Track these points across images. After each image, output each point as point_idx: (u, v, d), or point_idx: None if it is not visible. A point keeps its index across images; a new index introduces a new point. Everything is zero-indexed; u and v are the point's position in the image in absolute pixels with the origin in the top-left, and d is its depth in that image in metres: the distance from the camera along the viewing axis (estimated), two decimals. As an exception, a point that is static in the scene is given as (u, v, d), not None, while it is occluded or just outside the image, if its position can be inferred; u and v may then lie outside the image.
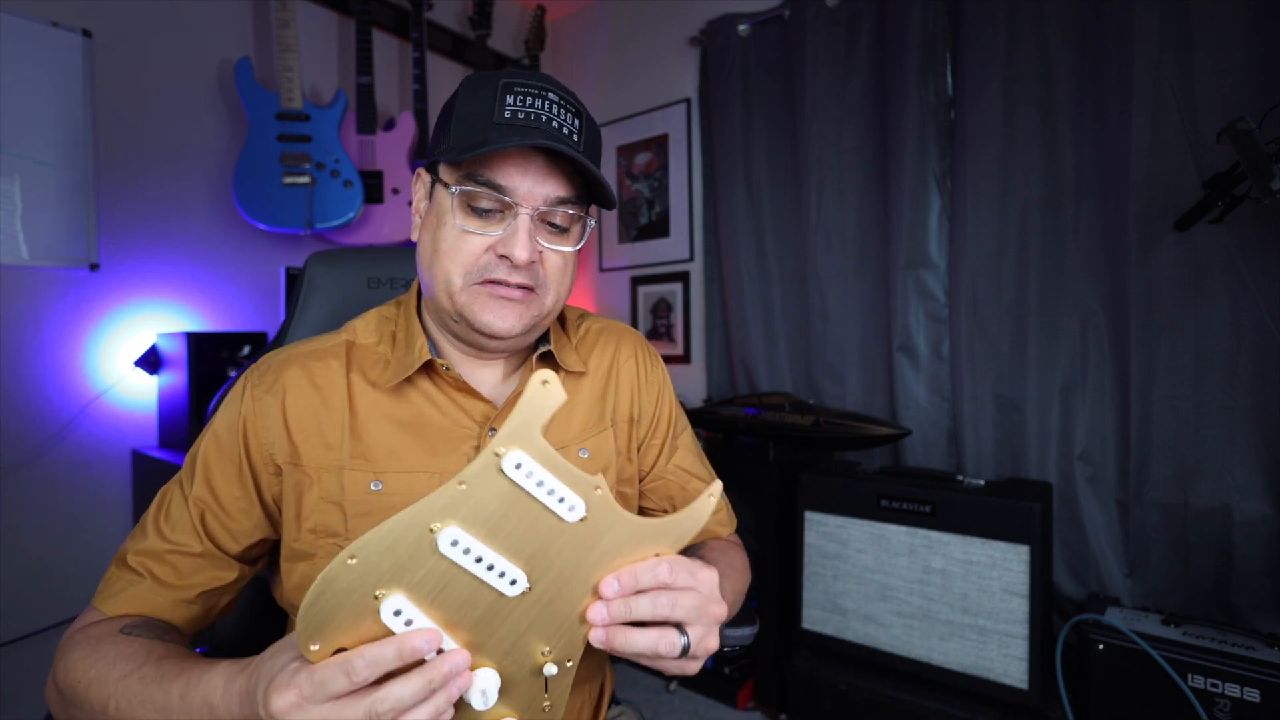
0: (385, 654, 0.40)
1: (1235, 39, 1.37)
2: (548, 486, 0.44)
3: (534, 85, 0.61)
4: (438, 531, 0.42)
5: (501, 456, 0.43)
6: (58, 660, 0.57)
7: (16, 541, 1.51)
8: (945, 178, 1.79)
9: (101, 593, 0.62)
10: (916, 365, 1.84)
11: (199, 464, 0.64)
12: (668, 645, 0.47)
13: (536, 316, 0.65)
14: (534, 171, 0.61)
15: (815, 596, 1.63)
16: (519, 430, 0.43)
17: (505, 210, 0.61)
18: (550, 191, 0.62)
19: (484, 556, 0.43)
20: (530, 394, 0.44)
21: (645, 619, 0.46)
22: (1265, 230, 1.35)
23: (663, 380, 0.82)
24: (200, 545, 0.62)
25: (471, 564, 0.43)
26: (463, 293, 0.62)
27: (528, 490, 0.44)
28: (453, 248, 0.62)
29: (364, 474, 0.63)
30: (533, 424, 0.44)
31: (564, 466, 0.44)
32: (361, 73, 1.99)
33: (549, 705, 0.47)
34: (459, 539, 0.42)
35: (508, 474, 0.43)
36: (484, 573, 0.43)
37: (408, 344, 0.68)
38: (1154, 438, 1.49)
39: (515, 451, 0.43)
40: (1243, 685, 1.17)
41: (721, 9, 2.21)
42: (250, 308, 1.93)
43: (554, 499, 0.44)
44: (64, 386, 1.60)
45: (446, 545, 0.42)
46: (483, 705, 0.44)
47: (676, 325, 2.43)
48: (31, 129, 1.52)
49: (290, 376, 0.65)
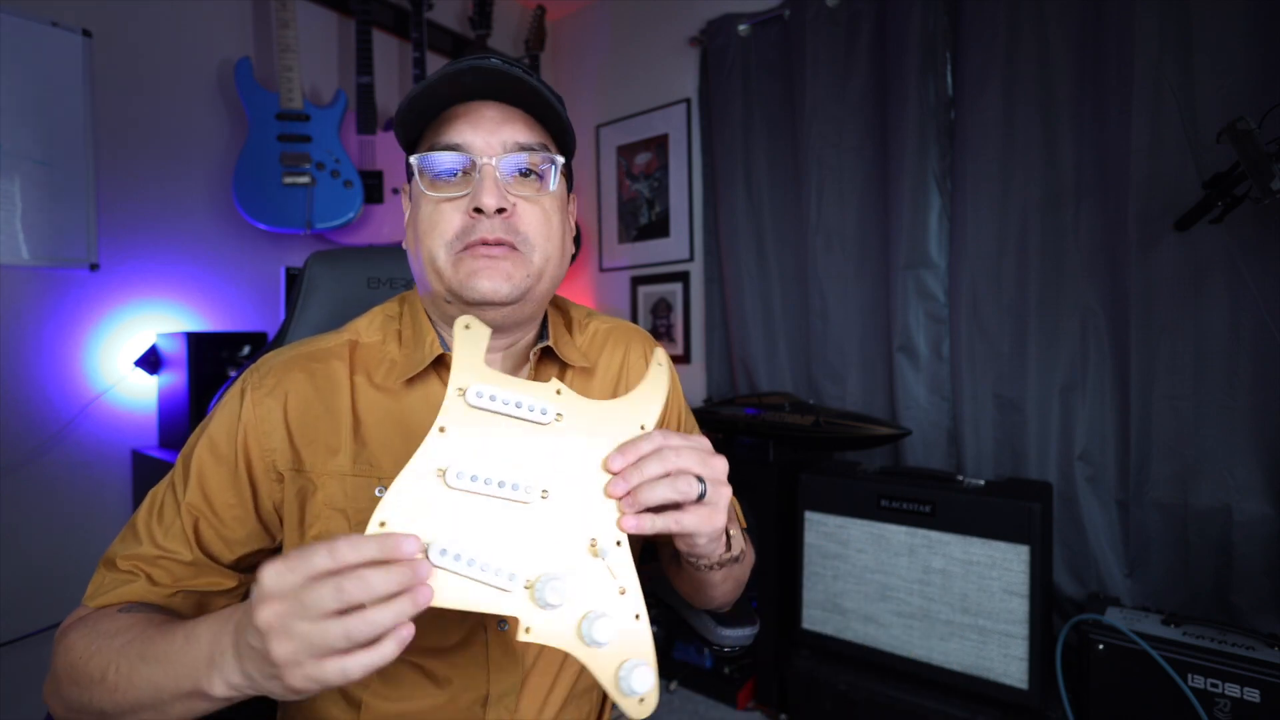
0: (369, 542, 0.40)
1: (1235, 39, 1.37)
2: (514, 402, 0.49)
3: (476, 55, 0.61)
4: (444, 473, 0.46)
5: (464, 391, 0.48)
6: (55, 652, 0.56)
7: (16, 541, 1.51)
8: (945, 178, 1.79)
9: (92, 594, 0.60)
10: (916, 365, 1.84)
11: (193, 469, 0.62)
12: (686, 484, 0.49)
13: (527, 277, 0.62)
14: (486, 123, 0.61)
15: (815, 596, 1.63)
16: (466, 369, 0.49)
17: (470, 170, 0.61)
18: (507, 137, 0.61)
19: (490, 477, 0.46)
20: (459, 339, 0.50)
21: (657, 476, 0.49)
22: (1265, 230, 1.35)
23: (673, 382, 0.81)
24: (190, 554, 0.61)
25: (484, 488, 0.46)
26: (449, 265, 0.61)
27: (499, 411, 0.48)
28: (429, 222, 0.61)
29: (368, 480, 0.62)
30: (474, 359, 0.49)
31: (520, 383, 0.50)
32: (361, 73, 1.99)
33: (623, 590, 0.48)
34: (461, 470, 0.46)
35: (475, 405, 0.48)
36: (499, 491, 0.46)
37: (417, 340, 0.66)
38: (1154, 438, 1.49)
39: (474, 384, 0.48)
40: (1243, 685, 1.17)
41: (721, 9, 2.21)
42: (250, 308, 1.93)
43: (524, 410, 0.49)
44: (64, 386, 1.60)
45: (455, 479, 0.45)
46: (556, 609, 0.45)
47: (676, 325, 2.43)
48: (31, 129, 1.52)
49: (292, 379, 0.64)
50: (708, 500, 0.51)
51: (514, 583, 0.44)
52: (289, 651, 0.39)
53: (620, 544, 0.49)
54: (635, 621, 0.47)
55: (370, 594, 0.39)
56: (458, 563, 0.43)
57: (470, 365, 0.49)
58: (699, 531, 0.52)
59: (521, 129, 0.62)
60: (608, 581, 0.47)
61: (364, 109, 1.99)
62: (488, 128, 0.61)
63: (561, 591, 0.44)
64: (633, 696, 0.44)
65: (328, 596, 0.38)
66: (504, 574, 0.44)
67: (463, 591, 0.43)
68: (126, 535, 0.63)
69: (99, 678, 0.50)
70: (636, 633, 0.47)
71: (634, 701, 0.44)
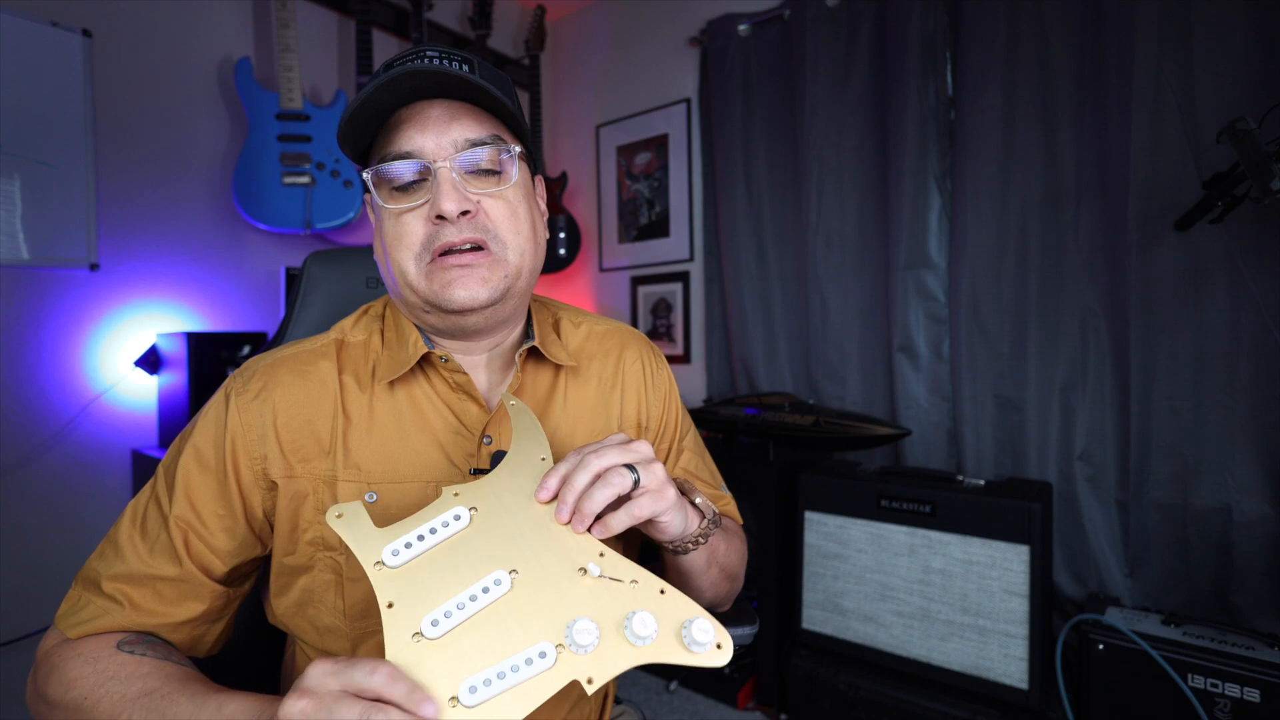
0: (402, 684, 0.40)
1: (1235, 39, 1.37)
2: (425, 532, 0.49)
3: (410, 52, 0.60)
4: (420, 634, 0.44)
5: (381, 563, 0.48)
6: (44, 675, 0.54)
7: (16, 541, 1.51)
8: (945, 178, 1.79)
9: (69, 618, 0.57)
10: (916, 365, 1.84)
11: (179, 480, 0.59)
12: (618, 477, 0.51)
13: (505, 278, 0.61)
14: (433, 124, 0.59)
15: (815, 596, 1.62)
16: (363, 544, 0.48)
17: (426, 175, 0.59)
18: (458, 135, 0.59)
19: (461, 601, 0.45)
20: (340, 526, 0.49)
21: (587, 482, 0.51)
22: (1265, 230, 1.35)
23: (669, 384, 0.80)
24: (176, 569, 0.58)
25: (462, 613, 0.45)
26: (421, 277, 0.60)
27: (420, 551, 0.48)
28: (395, 235, 0.60)
29: (358, 485, 0.61)
30: (363, 533, 0.49)
31: (418, 515, 0.50)
32: (361, 73, 1.99)
33: (634, 581, 0.48)
34: (431, 618, 0.45)
35: (395, 564, 0.48)
36: (476, 604, 0.46)
37: (400, 340, 0.65)
38: (1154, 438, 1.49)
39: (382, 551, 0.48)
40: (1243, 685, 1.17)
41: (721, 9, 2.21)
42: (250, 308, 1.93)
43: (440, 531, 0.49)
44: (64, 386, 1.60)
45: (432, 629, 0.44)
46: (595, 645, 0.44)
47: (676, 325, 2.43)
48: (31, 129, 1.52)
49: (279, 382, 0.62)
50: (644, 484, 0.52)
51: (547, 658, 0.43)
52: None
53: (604, 554, 0.49)
54: (663, 596, 0.47)
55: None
56: (491, 686, 0.42)
57: (366, 538, 0.49)
58: (657, 511, 0.53)
59: (471, 124, 0.60)
60: (617, 588, 0.47)
61: (364, 109, 1.99)
62: (436, 128, 0.59)
63: (588, 628, 0.44)
64: (705, 649, 0.44)
65: (352, 716, 0.39)
66: (533, 656, 0.44)
67: (517, 701, 0.42)
68: (106, 551, 0.60)
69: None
70: (671, 603, 0.46)
71: (712, 651, 0.44)
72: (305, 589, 0.61)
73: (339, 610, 0.61)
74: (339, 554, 0.60)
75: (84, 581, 0.59)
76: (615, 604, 0.46)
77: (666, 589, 0.47)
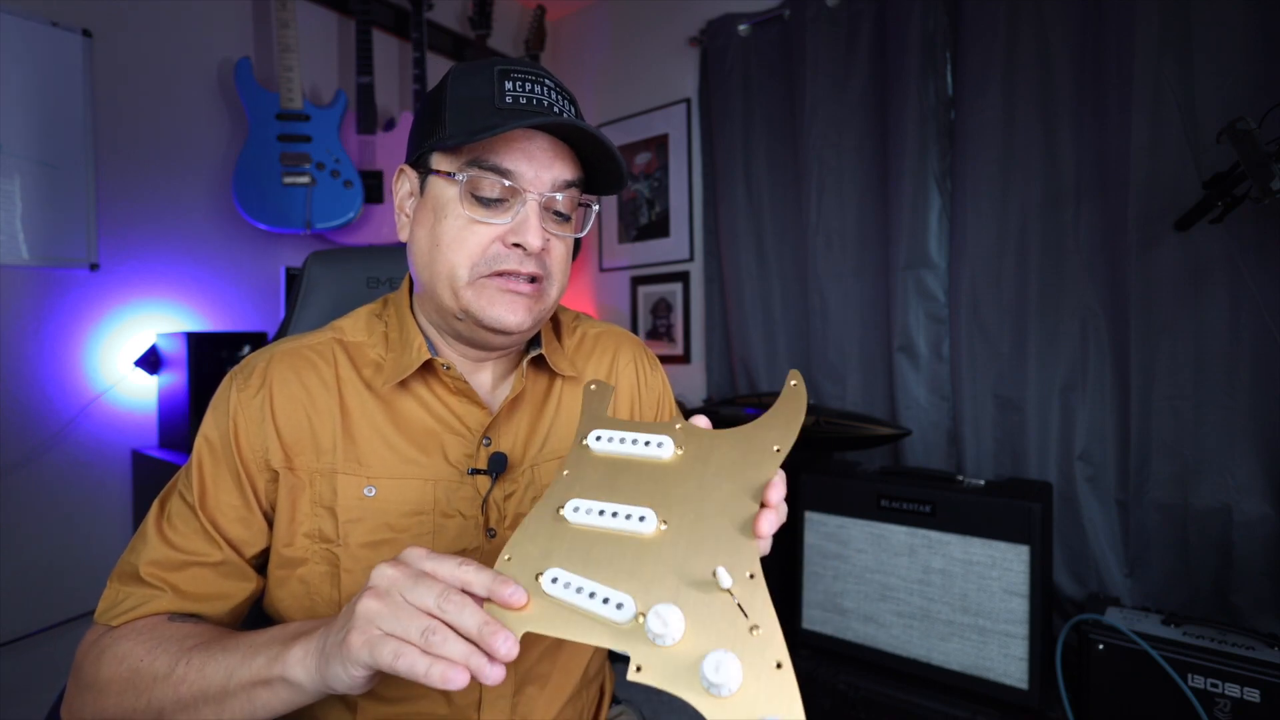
0: (485, 573, 0.43)
1: (1235, 39, 1.37)
2: (631, 439, 0.51)
3: (530, 71, 0.60)
4: (564, 509, 0.48)
5: (584, 438, 0.52)
6: (91, 662, 0.55)
7: (16, 541, 1.51)
8: (945, 178, 1.79)
9: (110, 610, 0.58)
10: (916, 365, 1.84)
11: (196, 472, 0.61)
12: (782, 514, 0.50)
13: (542, 310, 0.64)
14: (540, 156, 0.60)
15: (815, 596, 1.62)
16: (589, 420, 0.54)
17: (512, 197, 0.60)
18: (556, 175, 0.61)
19: (605, 509, 0.47)
20: (587, 396, 0.57)
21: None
22: (1265, 230, 1.35)
23: (662, 386, 0.81)
24: (220, 553, 0.60)
25: (598, 520, 0.47)
26: (469, 288, 0.60)
27: (618, 452, 0.51)
28: (457, 239, 0.60)
29: (357, 479, 0.61)
30: (599, 411, 0.55)
31: (638, 424, 0.53)
32: (361, 73, 1.99)
33: (758, 629, 0.39)
34: (579, 505, 0.48)
35: (594, 448, 0.52)
36: (613, 522, 0.47)
37: (403, 344, 0.66)
38: (1154, 438, 1.49)
39: (593, 431, 0.52)
40: (1243, 685, 1.17)
41: (721, 9, 2.21)
42: (250, 308, 1.93)
43: (641, 446, 0.51)
44: (64, 386, 1.60)
45: (571, 513, 0.47)
46: (664, 641, 0.40)
47: (676, 325, 2.42)
48: (31, 129, 1.52)
49: (277, 375, 0.63)
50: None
51: (623, 612, 0.41)
52: (372, 610, 0.42)
53: (753, 576, 0.42)
54: (776, 670, 0.38)
55: (456, 619, 0.41)
56: (567, 590, 0.42)
57: (595, 416, 0.53)
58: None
59: (570, 166, 0.62)
60: (736, 619, 0.40)
61: (364, 109, 1.99)
62: (542, 161, 0.60)
63: (668, 620, 0.39)
64: None
65: (430, 595, 0.42)
66: (613, 603, 0.41)
67: (569, 622, 0.41)
68: (139, 544, 0.61)
69: (165, 673, 0.51)
70: (775, 682, 0.37)
71: None
72: (303, 580, 0.62)
73: (334, 602, 0.62)
74: (335, 546, 0.61)
75: (120, 576, 0.60)
76: (719, 631, 0.40)
77: (784, 664, 0.38)
